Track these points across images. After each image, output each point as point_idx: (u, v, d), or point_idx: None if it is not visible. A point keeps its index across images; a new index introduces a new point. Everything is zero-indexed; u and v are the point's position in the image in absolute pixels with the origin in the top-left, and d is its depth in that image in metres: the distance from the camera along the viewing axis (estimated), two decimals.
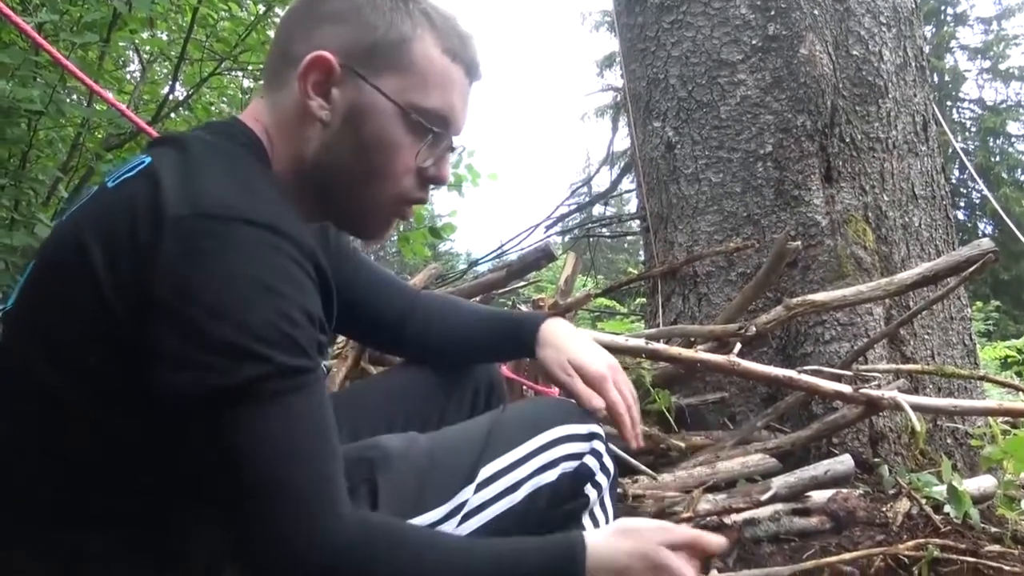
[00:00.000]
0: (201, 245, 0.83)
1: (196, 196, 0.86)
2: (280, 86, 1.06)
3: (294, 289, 0.87)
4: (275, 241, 0.86)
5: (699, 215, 3.28)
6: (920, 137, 3.33)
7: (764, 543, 2.18)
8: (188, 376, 0.82)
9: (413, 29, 1.04)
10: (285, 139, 1.05)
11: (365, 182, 1.07)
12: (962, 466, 2.95)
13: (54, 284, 0.91)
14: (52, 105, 2.70)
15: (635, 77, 3.67)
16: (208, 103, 4.56)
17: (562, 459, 1.12)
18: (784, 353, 3.00)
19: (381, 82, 1.03)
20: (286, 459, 0.85)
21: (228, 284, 0.83)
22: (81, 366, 0.86)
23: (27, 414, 0.90)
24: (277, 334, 0.84)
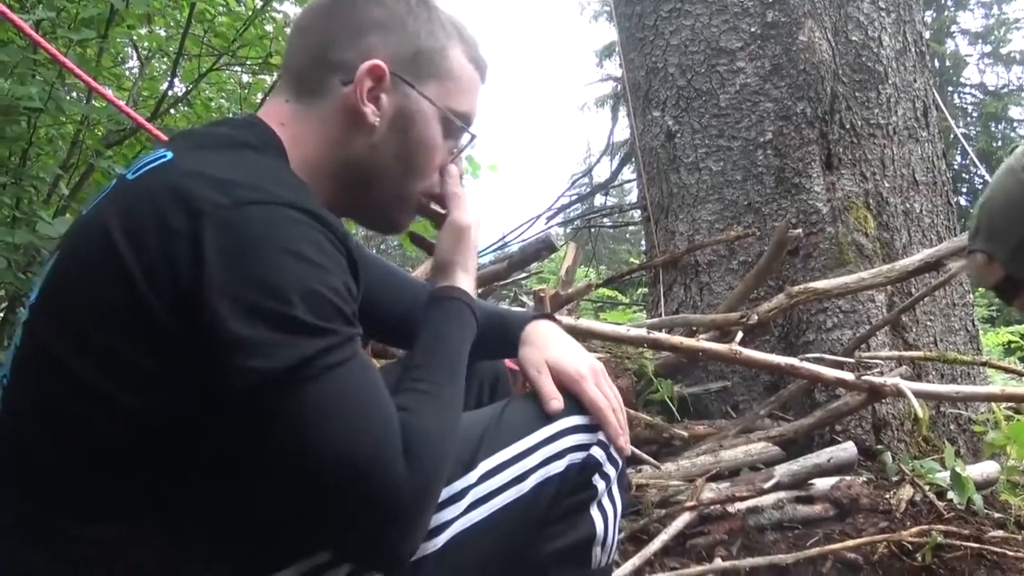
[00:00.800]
0: (245, 231, 0.85)
1: (231, 185, 0.88)
2: (318, 92, 1.09)
3: (334, 263, 0.90)
4: (309, 220, 0.90)
5: (700, 204, 3.27)
6: (921, 123, 3.33)
7: (768, 531, 2.19)
8: (257, 355, 0.83)
9: (447, 39, 1.13)
10: (321, 142, 1.08)
11: (404, 179, 1.14)
12: (965, 452, 2.95)
13: (79, 276, 0.92)
14: (51, 102, 2.69)
15: (634, 66, 3.66)
16: (207, 99, 4.54)
17: (569, 450, 1.12)
18: (786, 341, 3.00)
19: (425, 88, 1.10)
20: (357, 423, 0.88)
21: (278, 264, 0.85)
22: (109, 354, 0.87)
23: (53, 404, 0.90)
24: (330, 306, 0.87)
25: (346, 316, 0.89)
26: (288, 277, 0.85)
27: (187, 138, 1.05)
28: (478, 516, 1.05)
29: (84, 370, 0.88)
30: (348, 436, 0.87)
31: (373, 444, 0.88)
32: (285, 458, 0.87)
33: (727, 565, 1.99)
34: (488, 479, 1.07)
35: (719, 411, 2.98)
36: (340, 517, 0.90)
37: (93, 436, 0.89)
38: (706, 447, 2.52)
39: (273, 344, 0.83)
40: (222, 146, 1.00)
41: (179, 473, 0.91)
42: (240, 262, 0.84)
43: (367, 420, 0.89)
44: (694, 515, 2.13)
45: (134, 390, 0.87)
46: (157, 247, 0.85)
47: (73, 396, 0.89)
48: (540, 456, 1.10)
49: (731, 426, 2.66)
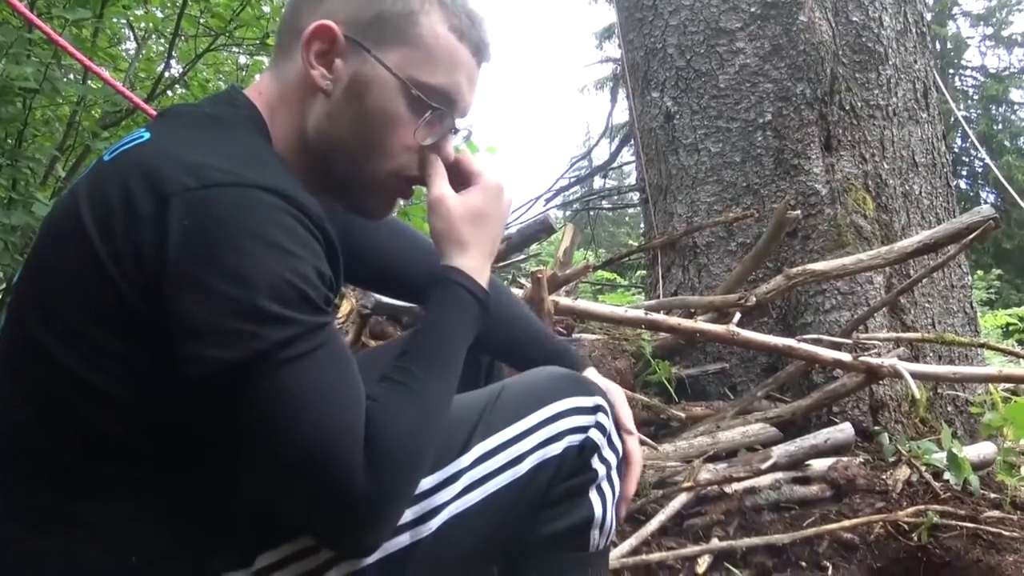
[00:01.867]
0: (211, 214, 0.83)
1: (199, 167, 0.86)
2: (286, 59, 1.06)
3: (305, 249, 0.87)
4: (281, 204, 0.87)
5: (698, 185, 3.26)
6: (921, 104, 3.31)
7: (765, 511, 2.20)
8: (217, 344, 0.82)
9: (420, 4, 1.04)
10: (287, 110, 1.05)
11: (364, 156, 1.06)
12: (962, 433, 2.95)
13: (52, 257, 0.92)
14: (47, 83, 2.67)
15: (633, 47, 3.64)
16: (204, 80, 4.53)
17: (567, 432, 1.11)
18: (784, 323, 3.00)
19: (384, 55, 1.03)
20: (320, 414, 0.86)
21: (244, 249, 0.83)
22: (82, 337, 0.87)
23: (36, 388, 0.90)
24: (296, 294, 0.85)
25: (314, 304, 0.87)
26: (253, 263, 0.83)
27: (167, 118, 1.03)
28: (472, 500, 1.04)
29: (61, 354, 0.88)
30: (305, 430, 0.85)
31: (330, 441, 0.86)
32: (246, 445, 0.87)
33: (724, 545, 2.00)
34: (483, 462, 1.06)
35: (717, 392, 2.98)
36: (301, 509, 0.90)
37: (75, 420, 0.89)
38: (704, 428, 2.52)
39: (233, 333, 0.82)
40: (200, 125, 0.98)
41: (159, 456, 0.91)
42: (204, 247, 0.82)
43: (327, 415, 0.87)
44: (691, 496, 2.14)
45: (108, 375, 0.87)
46: (124, 232, 0.85)
47: (52, 380, 0.89)
48: (537, 438, 1.10)
49: (729, 407, 2.66)
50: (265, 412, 0.84)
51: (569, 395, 1.15)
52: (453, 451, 1.05)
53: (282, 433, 0.85)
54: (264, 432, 0.85)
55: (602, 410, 1.16)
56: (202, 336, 0.82)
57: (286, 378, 0.84)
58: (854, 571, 1.97)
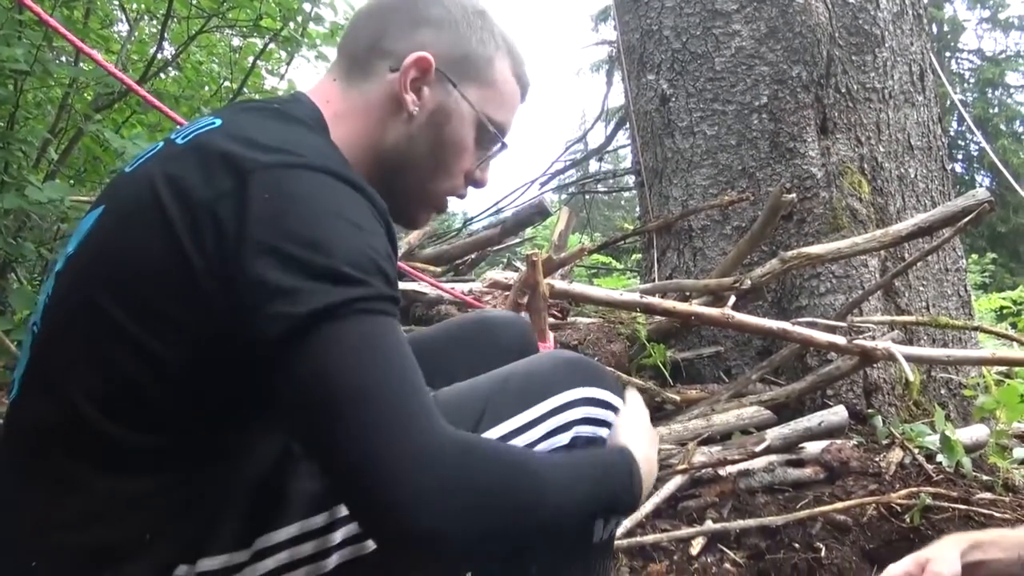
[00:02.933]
0: (290, 190, 0.87)
1: (277, 150, 0.91)
2: (366, 75, 1.13)
3: (375, 229, 0.91)
4: (351, 189, 0.92)
5: (694, 169, 3.26)
6: (917, 87, 3.30)
7: (759, 493, 2.20)
8: (290, 301, 0.82)
9: (496, 49, 1.17)
10: (363, 122, 1.12)
11: (430, 174, 1.17)
12: (955, 416, 2.97)
13: (123, 230, 0.94)
14: (38, 65, 2.65)
15: (628, 29, 3.62)
16: (197, 62, 4.50)
17: (576, 422, 1.11)
18: (779, 306, 3.00)
19: (467, 90, 1.14)
20: (388, 372, 0.85)
21: (322, 223, 0.86)
22: (151, 309, 0.89)
23: (87, 354, 0.91)
24: (372, 264, 0.87)
25: (387, 276, 0.89)
26: (330, 234, 0.86)
27: (236, 108, 1.09)
28: None
29: (119, 319, 0.89)
30: (378, 379, 0.83)
31: (405, 394, 0.84)
32: (312, 399, 0.83)
33: (718, 527, 2.01)
34: None
35: (711, 376, 2.99)
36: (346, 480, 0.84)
37: (127, 388, 0.90)
38: (698, 411, 2.53)
39: (308, 291, 0.83)
40: (270, 117, 1.03)
41: (196, 432, 0.93)
42: (284, 219, 0.85)
43: (399, 369, 0.85)
44: (686, 478, 2.15)
45: (165, 343, 0.89)
46: (203, 206, 0.87)
47: (109, 346, 0.90)
48: (544, 428, 1.09)
49: (723, 390, 2.67)
50: (332, 360, 0.82)
51: (579, 384, 1.14)
52: None
53: (345, 380, 0.82)
54: (329, 386, 0.82)
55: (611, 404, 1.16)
56: (277, 296, 0.83)
57: (355, 328, 0.84)
58: (847, 553, 1.98)
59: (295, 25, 3.86)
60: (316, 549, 0.98)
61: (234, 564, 0.96)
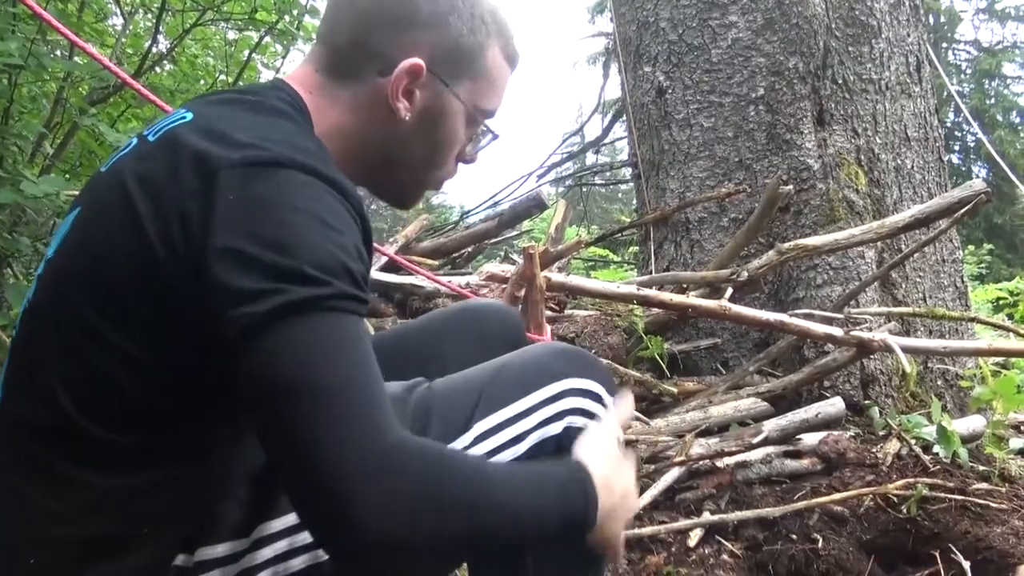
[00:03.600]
0: (257, 188, 0.85)
1: (245, 146, 0.88)
2: (352, 75, 1.09)
3: (347, 227, 0.89)
4: (324, 185, 0.89)
5: (691, 161, 3.26)
6: (913, 78, 3.30)
7: (756, 485, 2.21)
8: (252, 302, 0.82)
9: (487, 36, 1.13)
10: (347, 120, 1.09)
11: (424, 167, 1.17)
12: (952, 407, 2.98)
13: (97, 232, 0.93)
14: (32, 59, 2.64)
15: (625, 20, 3.61)
16: (193, 56, 4.48)
17: (569, 412, 1.12)
18: (776, 298, 3.01)
19: (459, 87, 1.12)
20: (348, 369, 0.84)
21: (287, 222, 0.85)
22: (125, 307, 0.88)
23: (67, 357, 0.91)
24: (336, 264, 0.85)
25: (353, 277, 0.87)
26: (296, 235, 0.84)
27: (209, 100, 1.05)
28: None
29: (100, 324, 0.89)
30: (336, 378, 0.82)
31: (364, 394, 0.83)
32: (271, 397, 0.82)
33: (715, 519, 2.02)
34: (483, 440, 1.07)
35: (709, 368, 2.99)
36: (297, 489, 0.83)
37: (107, 389, 0.90)
38: (695, 403, 2.53)
39: (267, 292, 0.82)
40: (245, 108, 1.00)
41: (180, 428, 0.93)
42: (249, 219, 0.84)
43: (359, 369, 0.84)
44: (683, 470, 2.16)
45: (147, 344, 0.88)
46: (172, 204, 0.86)
47: (88, 350, 0.90)
48: (538, 417, 1.10)
49: (720, 382, 2.67)
50: (290, 358, 0.81)
51: (572, 375, 1.15)
52: (455, 428, 1.06)
53: (304, 377, 0.81)
54: (283, 378, 0.81)
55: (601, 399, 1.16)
56: (238, 298, 0.82)
57: (317, 324, 0.83)
58: (844, 544, 1.99)
59: (290, 18, 3.84)
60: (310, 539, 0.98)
61: (233, 553, 0.96)
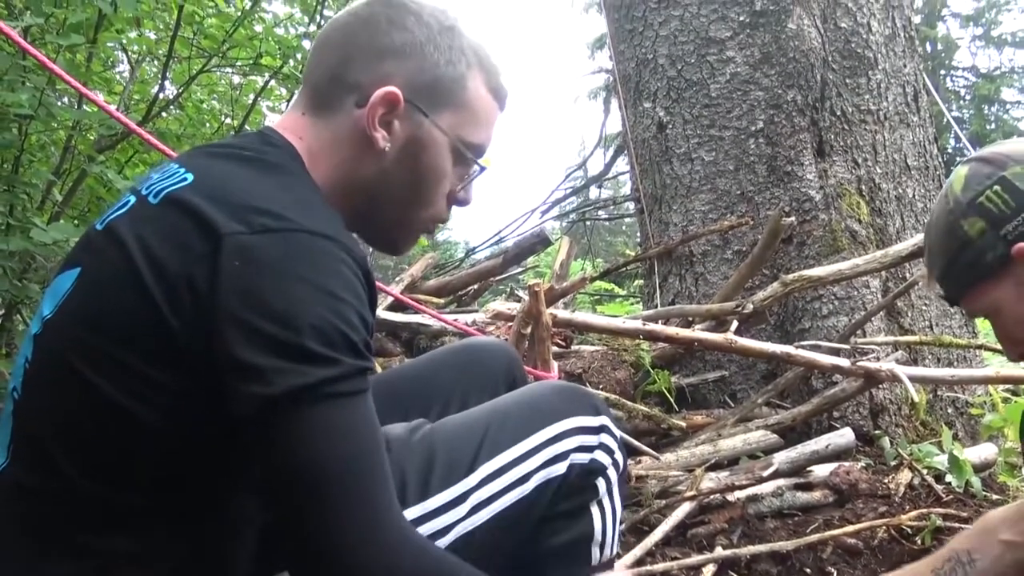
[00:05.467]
0: (261, 257, 0.85)
1: (248, 211, 0.88)
2: (332, 110, 1.08)
3: (351, 294, 0.89)
4: (329, 248, 0.89)
5: (693, 194, 3.28)
6: (911, 108, 3.33)
7: (768, 518, 2.20)
8: (260, 380, 0.83)
9: (468, 68, 1.10)
10: (333, 158, 1.07)
11: (409, 206, 1.13)
12: (963, 435, 2.96)
13: (99, 294, 0.92)
14: (42, 109, 2.68)
15: (624, 58, 3.66)
16: (199, 101, 4.54)
17: (572, 451, 1.13)
18: (782, 329, 3.01)
19: (439, 117, 1.09)
20: (355, 457, 0.86)
21: (290, 292, 0.85)
22: (130, 371, 0.88)
23: (69, 418, 0.91)
24: (341, 337, 0.86)
25: (356, 348, 0.88)
26: (298, 305, 0.85)
27: (206, 156, 1.03)
28: (481, 519, 1.06)
29: (102, 385, 0.88)
30: (342, 467, 0.85)
31: (367, 482, 0.87)
32: (279, 479, 0.87)
33: (728, 554, 2.00)
34: (490, 481, 1.08)
35: (717, 400, 2.98)
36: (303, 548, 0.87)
37: (108, 451, 0.89)
38: (705, 437, 2.52)
39: (276, 371, 0.83)
40: (244, 165, 0.99)
41: (185, 493, 0.92)
42: (252, 289, 0.85)
43: (365, 457, 0.88)
44: (694, 505, 2.14)
45: (151, 406, 0.88)
46: (178, 271, 0.86)
47: (90, 411, 0.89)
48: (543, 457, 1.11)
49: (729, 415, 2.66)
50: (300, 446, 0.85)
51: (574, 414, 1.16)
52: (461, 470, 1.07)
53: (315, 466, 0.85)
54: (295, 465, 0.85)
55: (606, 430, 1.17)
56: (246, 374, 0.83)
57: (326, 413, 0.85)
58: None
59: (294, 63, 3.90)
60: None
61: None
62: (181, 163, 1.00)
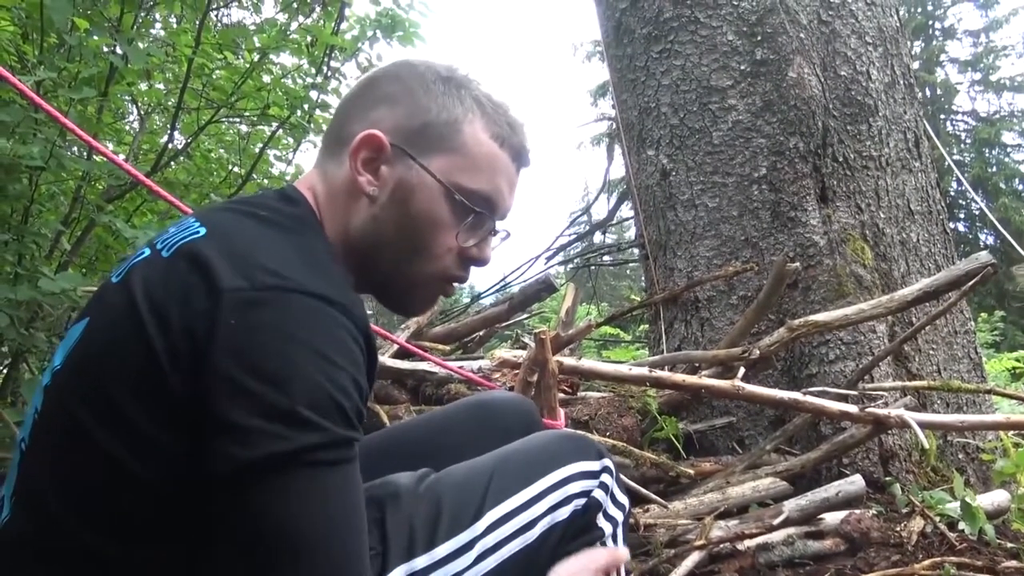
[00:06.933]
0: (258, 317, 0.84)
1: (252, 268, 0.88)
2: (334, 162, 1.10)
3: (346, 359, 0.87)
4: (329, 311, 0.88)
5: (697, 240, 3.29)
6: (913, 153, 3.36)
7: (779, 568, 2.16)
8: (243, 442, 0.81)
9: (464, 113, 1.09)
10: (334, 210, 1.08)
11: (408, 258, 1.10)
12: (975, 481, 2.93)
13: (105, 346, 0.92)
14: (52, 160, 2.72)
15: (627, 107, 3.70)
16: (207, 150, 4.60)
17: (574, 496, 1.14)
18: (789, 375, 2.99)
19: (429, 162, 1.06)
20: (331, 527, 0.84)
21: (284, 354, 0.83)
22: (131, 425, 0.87)
23: (73, 471, 0.90)
24: (331, 404, 0.84)
25: (346, 416, 0.86)
26: (291, 368, 0.83)
27: (223, 211, 1.04)
28: (487, 567, 1.06)
29: (103, 437, 0.88)
30: (316, 537, 0.83)
31: (340, 556, 0.85)
32: (251, 544, 0.84)
33: None
34: (495, 529, 1.08)
35: (725, 447, 2.96)
36: None
37: (107, 505, 0.88)
38: (713, 484, 2.50)
39: (261, 432, 0.81)
40: (256, 222, 0.99)
41: (190, 544, 0.90)
42: (246, 348, 0.83)
43: (341, 529, 0.85)
44: (704, 554, 2.12)
45: (149, 461, 0.87)
46: (179, 325, 0.86)
47: (90, 463, 0.89)
48: (547, 503, 1.12)
49: (738, 462, 2.64)
50: (275, 512, 0.82)
51: (576, 459, 1.18)
52: (467, 518, 1.07)
53: (291, 537, 0.82)
54: (270, 533, 0.82)
55: (607, 471, 1.19)
56: (231, 433, 0.82)
57: (303, 481, 0.83)
58: None
59: (302, 113, 3.96)
60: None
61: None
62: (198, 218, 1.01)
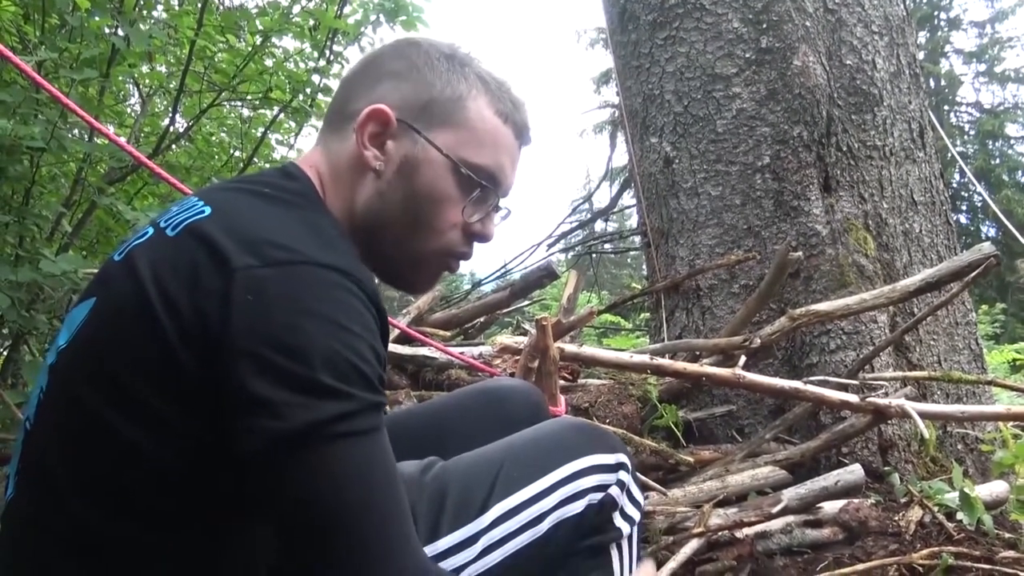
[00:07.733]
0: (272, 290, 0.85)
1: (261, 245, 0.88)
2: (336, 138, 1.10)
3: (362, 327, 0.88)
4: (340, 281, 0.88)
5: (699, 229, 3.29)
6: (917, 143, 3.34)
7: (777, 556, 2.17)
8: (272, 415, 0.82)
9: (468, 89, 1.09)
10: (339, 187, 1.08)
11: (413, 233, 1.10)
12: (974, 472, 2.93)
13: (112, 325, 0.92)
14: (54, 141, 2.70)
15: (631, 94, 3.69)
16: (208, 134, 4.58)
17: (589, 490, 1.12)
18: (790, 364, 2.99)
19: (435, 136, 1.07)
20: (372, 495, 0.85)
21: (302, 326, 0.84)
22: (141, 405, 0.87)
23: (80, 450, 0.90)
24: (353, 371, 0.85)
25: (369, 381, 0.87)
26: (310, 339, 0.83)
27: (226, 189, 1.04)
28: (492, 560, 1.05)
29: (110, 416, 0.88)
30: (358, 508, 0.84)
31: (384, 523, 0.85)
32: (292, 519, 0.85)
33: None
34: (503, 522, 1.07)
35: (724, 435, 2.96)
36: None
37: (118, 483, 0.88)
38: (712, 472, 2.50)
39: (288, 405, 0.82)
40: (260, 199, 0.99)
41: (196, 526, 0.91)
42: (264, 323, 0.83)
43: (381, 497, 0.86)
44: (702, 541, 2.12)
45: (158, 440, 0.87)
46: (189, 304, 0.86)
47: (97, 442, 0.88)
48: (558, 497, 1.10)
49: (737, 450, 2.64)
50: (316, 485, 0.83)
51: (590, 452, 1.15)
52: (472, 510, 1.06)
53: (332, 510, 0.83)
54: (310, 507, 0.83)
55: (624, 467, 1.16)
56: (257, 408, 0.82)
57: (339, 453, 0.84)
58: None
59: (304, 96, 3.94)
60: None
61: None
62: (200, 196, 1.01)
